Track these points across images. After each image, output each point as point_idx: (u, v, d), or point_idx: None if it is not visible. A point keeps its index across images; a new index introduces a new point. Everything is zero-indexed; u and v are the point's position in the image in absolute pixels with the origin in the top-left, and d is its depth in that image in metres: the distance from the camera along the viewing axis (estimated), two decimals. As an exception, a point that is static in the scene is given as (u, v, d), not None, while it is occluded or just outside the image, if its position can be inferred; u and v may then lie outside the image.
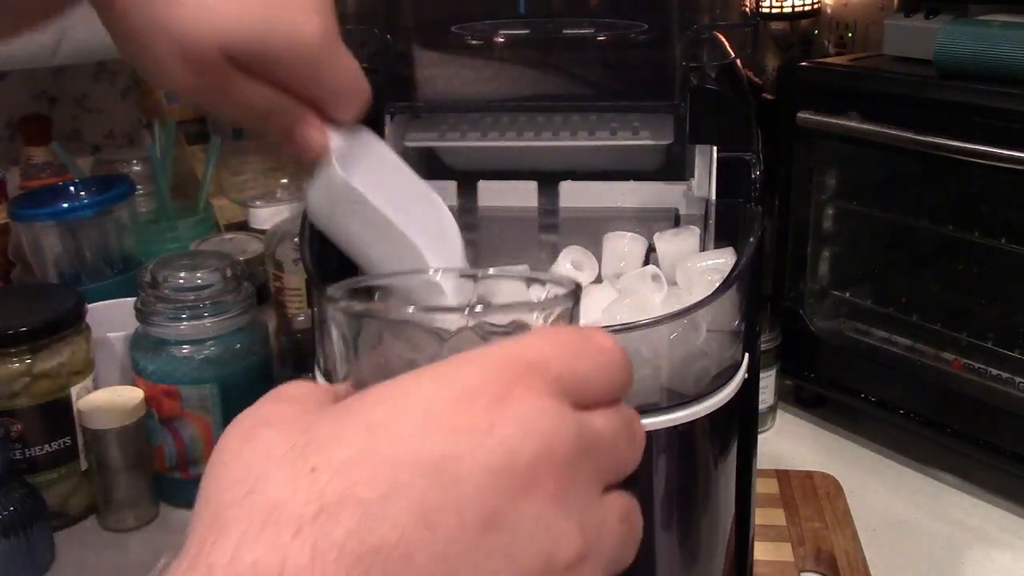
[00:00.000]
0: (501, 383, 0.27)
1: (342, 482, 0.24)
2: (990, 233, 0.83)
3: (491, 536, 0.25)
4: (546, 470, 0.26)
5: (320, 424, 0.27)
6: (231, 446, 0.27)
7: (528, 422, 0.26)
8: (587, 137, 0.66)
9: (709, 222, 0.62)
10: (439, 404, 0.26)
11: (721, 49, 0.63)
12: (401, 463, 0.25)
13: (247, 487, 0.25)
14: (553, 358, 0.28)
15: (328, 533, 0.23)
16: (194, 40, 0.44)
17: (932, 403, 0.84)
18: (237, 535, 0.24)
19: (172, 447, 0.81)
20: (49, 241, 0.95)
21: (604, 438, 0.29)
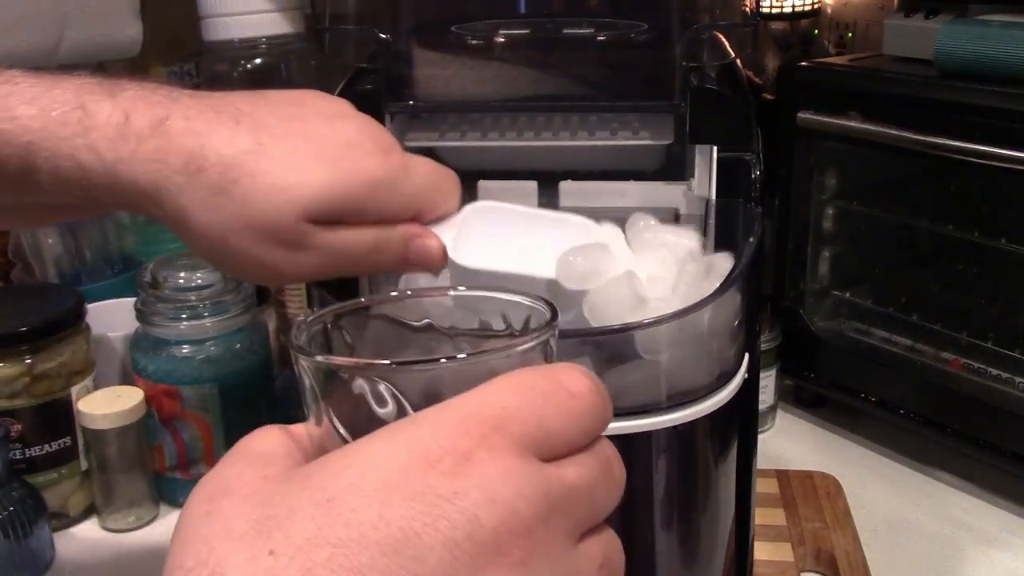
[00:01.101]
0: (463, 445, 0.26)
1: (301, 565, 0.24)
2: (990, 233, 0.83)
3: None
4: (512, 537, 0.25)
5: (280, 497, 0.26)
6: (192, 519, 0.27)
7: (491, 487, 0.25)
8: (587, 137, 0.66)
9: (709, 222, 0.62)
10: (397, 471, 0.25)
11: (721, 49, 0.63)
12: (359, 544, 0.24)
13: (208, 569, 0.25)
14: (518, 412, 0.27)
15: None
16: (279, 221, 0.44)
17: (932, 403, 0.84)
18: None
19: (172, 447, 0.81)
20: (49, 241, 0.95)
21: (577, 488, 0.28)
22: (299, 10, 0.97)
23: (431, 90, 0.69)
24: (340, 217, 0.46)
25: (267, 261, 0.45)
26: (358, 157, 0.46)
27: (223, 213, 0.44)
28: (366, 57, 0.66)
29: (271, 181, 0.44)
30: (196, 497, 0.28)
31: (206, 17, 0.95)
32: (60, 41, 0.98)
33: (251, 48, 0.96)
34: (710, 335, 0.52)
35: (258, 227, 0.44)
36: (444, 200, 0.50)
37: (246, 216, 0.44)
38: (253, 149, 0.45)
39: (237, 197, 0.44)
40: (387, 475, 0.25)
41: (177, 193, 0.44)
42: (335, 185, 0.45)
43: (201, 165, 0.44)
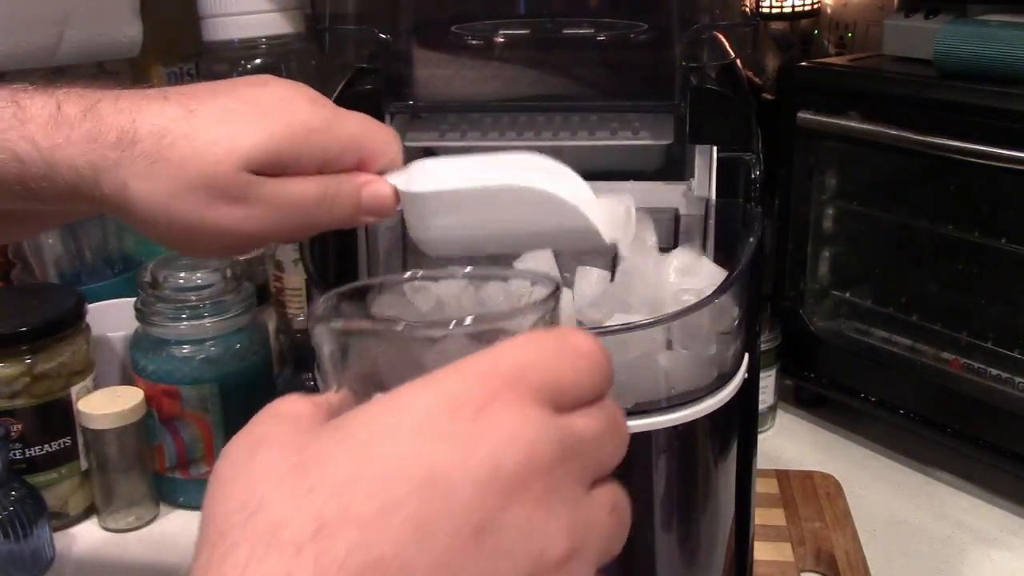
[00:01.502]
0: (484, 394, 0.28)
1: (339, 501, 0.25)
2: (990, 233, 0.83)
3: (484, 542, 0.26)
4: (531, 475, 0.27)
5: (316, 444, 0.28)
6: (231, 466, 0.28)
7: (512, 431, 0.27)
8: (587, 137, 0.66)
9: (709, 222, 0.62)
10: (426, 417, 0.27)
11: (721, 49, 0.63)
12: (394, 480, 0.26)
13: (250, 509, 0.26)
14: (533, 366, 0.29)
15: (329, 550, 0.25)
16: (219, 175, 0.45)
17: (932, 403, 0.84)
18: (245, 554, 0.25)
19: (172, 447, 0.81)
20: (49, 241, 0.95)
21: (587, 438, 0.30)
22: (299, 10, 0.97)
23: (431, 90, 0.69)
24: (280, 166, 0.46)
25: (215, 222, 0.46)
26: (289, 109, 0.47)
27: (163, 180, 0.45)
28: (366, 57, 0.66)
29: (205, 138, 0.45)
30: (232, 449, 0.29)
31: (206, 17, 0.95)
32: (60, 41, 0.98)
33: (251, 48, 0.96)
34: (709, 335, 0.52)
35: (199, 185, 0.45)
36: (384, 148, 0.50)
37: (186, 177, 0.45)
38: (183, 115, 0.46)
39: (174, 160, 0.45)
40: (416, 421, 0.27)
41: (114, 170, 0.45)
42: (270, 133, 0.46)
43: (133, 138, 0.45)
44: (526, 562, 0.27)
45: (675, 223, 0.66)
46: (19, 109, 0.45)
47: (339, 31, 0.68)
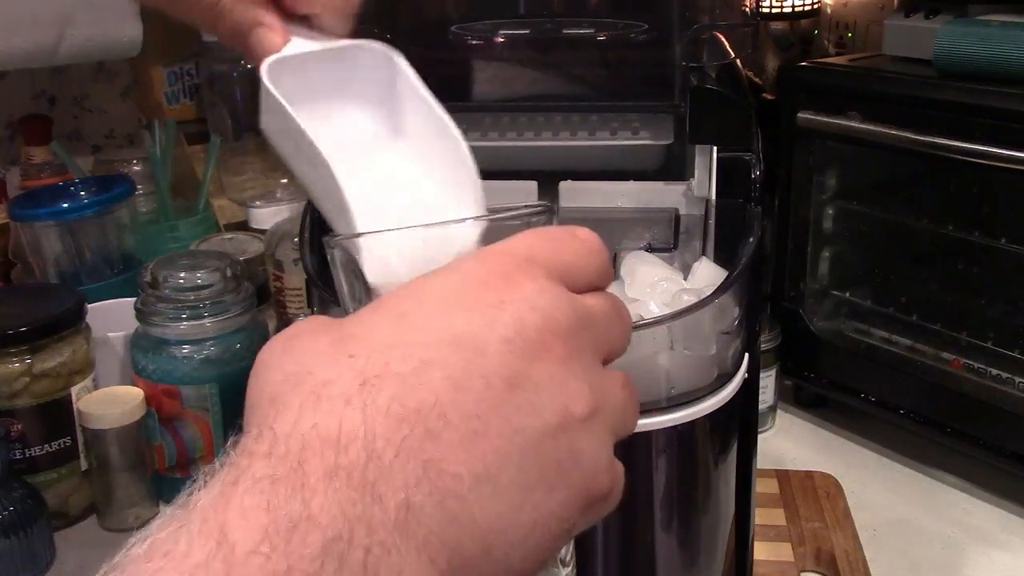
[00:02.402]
0: (503, 270, 0.30)
1: (379, 361, 0.28)
2: (990, 233, 0.83)
3: (514, 394, 0.28)
4: (552, 338, 0.30)
5: (352, 323, 0.30)
6: (273, 354, 0.30)
7: (531, 298, 0.30)
8: (587, 137, 0.66)
9: (709, 222, 0.62)
10: (453, 292, 0.30)
11: (721, 49, 0.63)
12: (428, 342, 0.28)
13: (297, 377, 0.28)
14: (543, 249, 0.32)
15: (374, 400, 0.27)
16: None
17: (932, 403, 0.84)
18: (296, 407, 0.27)
19: (172, 447, 0.81)
20: (49, 241, 0.95)
21: (597, 314, 0.32)
22: (299, 10, 0.97)
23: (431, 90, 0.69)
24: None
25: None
26: None
27: None
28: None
29: None
30: (271, 344, 0.31)
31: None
32: (60, 41, 0.98)
33: (251, 48, 0.96)
34: (710, 335, 0.52)
35: None
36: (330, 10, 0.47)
37: None
38: None
39: None
40: (444, 295, 0.30)
41: None
42: None
43: None
44: (554, 414, 0.29)
45: (675, 223, 0.66)
46: None
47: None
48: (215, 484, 0.26)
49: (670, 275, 0.58)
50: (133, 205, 1.02)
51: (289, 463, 0.26)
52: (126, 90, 1.33)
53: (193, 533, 0.25)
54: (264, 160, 1.14)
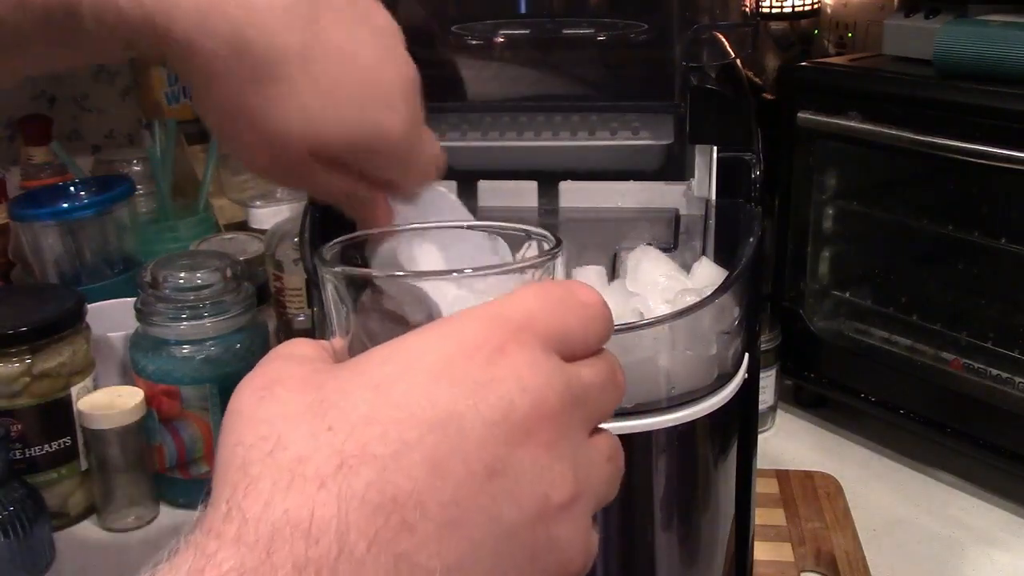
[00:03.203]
0: (496, 339, 0.29)
1: (358, 440, 0.26)
2: (990, 233, 0.83)
3: (495, 482, 0.27)
4: (540, 420, 0.28)
5: (331, 383, 0.28)
6: (247, 404, 0.29)
7: (523, 376, 0.28)
8: (587, 137, 0.66)
9: (709, 222, 0.62)
10: (440, 361, 0.28)
11: (721, 49, 0.63)
12: (408, 421, 0.27)
13: (271, 443, 0.27)
14: (541, 315, 0.30)
15: (350, 485, 0.26)
16: (284, 142, 0.44)
17: (932, 403, 0.84)
18: (268, 487, 0.26)
19: (172, 447, 0.81)
20: (49, 241, 0.95)
21: (591, 386, 0.31)
22: (299, 10, 0.97)
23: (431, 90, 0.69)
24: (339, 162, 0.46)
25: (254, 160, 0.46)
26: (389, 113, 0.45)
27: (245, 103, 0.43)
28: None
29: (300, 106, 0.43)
30: (246, 388, 0.30)
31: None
32: (60, 41, 0.98)
33: (251, 48, 0.96)
34: (710, 335, 0.52)
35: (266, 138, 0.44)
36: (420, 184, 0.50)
37: (261, 122, 0.44)
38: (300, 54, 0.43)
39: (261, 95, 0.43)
40: (431, 364, 0.28)
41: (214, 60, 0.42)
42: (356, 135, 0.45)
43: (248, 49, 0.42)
44: (533, 503, 0.28)
45: (675, 223, 0.66)
46: None
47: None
48: (182, 567, 0.25)
49: (673, 272, 0.58)
50: (133, 205, 1.03)
51: (258, 553, 0.25)
52: (126, 90, 1.33)
53: None
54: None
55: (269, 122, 0.44)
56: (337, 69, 0.44)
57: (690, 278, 0.57)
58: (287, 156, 0.45)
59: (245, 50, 0.42)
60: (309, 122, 0.44)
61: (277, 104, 0.43)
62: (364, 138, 0.45)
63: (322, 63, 0.44)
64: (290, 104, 0.43)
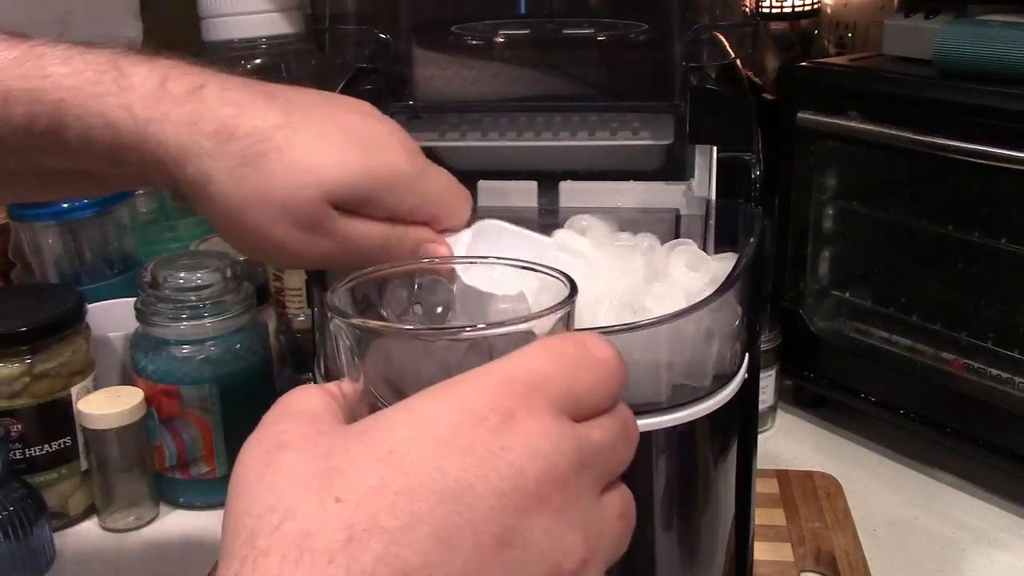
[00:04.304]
0: (505, 405, 0.28)
1: (366, 512, 0.26)
2: (990, 233, 0.83)
3: (505, 553, 0.27)
4: (551, 487, 0.28)
5: (339, 451, 0.28)
6: (254, 470, 0.29)
7: (533, 443, 0.28)
8: (587, 137, 0.66)
9: (709, 222, 0.62)
10: (449, 428, 0.28)
11: (721, 49, 0.63)
12: (418, 493, 0.26)
13: (279, 516, 0.27)
14: (551, 376, 0.30)
15: (358, 560, 0.25)
16: (300, 200, 0.45)
17: (932, 403, 0.84)
18: (276, 562, 0.25)
19: (172, 447, 0.81)
20: (49, 241, 0.95)
21: (603, 446, 0.30)
22: (299, 10, 0.97)
23: (431, 90, 0.69)
24: (359, 205, 0.47)
25: (280, 240, 0.46)
26: (385, 150, 0.47)
27: (246, 184, 0.44)
28: (366, 57, 0.66)
29: (299, 159, 0.45)
30: (252, 451, 0.29)
31: (206, 17, 0.95)
32: (60, 41, 0.98)
33: (251, 48, 0.96)
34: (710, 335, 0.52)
35: (278, 203, 0.45)
36: (456, 212, 0.51)
37: (268, 190, 0.45)
38: (284, 125, 0.45)
39: (262, 169, 0.44)
40: (440, 431, 0.28)
41: (204, 157, 0.44)
42: (361, 172, 0.46)
43: (232, 133, 0.44)
44: (544, 572, 0.28)
45: (675, 223, 0.66)
46: (120, 76, 0.45)
47: (339, 31, 0.68)
48: None
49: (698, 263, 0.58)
50: (133, 205, 1.02)
51: None
52: (126, 90, 1.33)
53: None
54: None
55: (276, 186, 0.45)
56: (324, 128, 0.46)
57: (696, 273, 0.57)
58: (308, 215, 0.45)
59: (231, 136, 0.44)
60: (313, 169, 0.45)
61: (278, 167, 0.45)
62: (371, 170, 0.46)
63: (307, 126, 0.46)
64: (290, 161, 0.45)
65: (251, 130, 0.45)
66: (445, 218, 0.51)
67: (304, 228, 0.46)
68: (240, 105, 0.45)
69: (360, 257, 0.48)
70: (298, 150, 0.45)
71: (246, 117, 0.45)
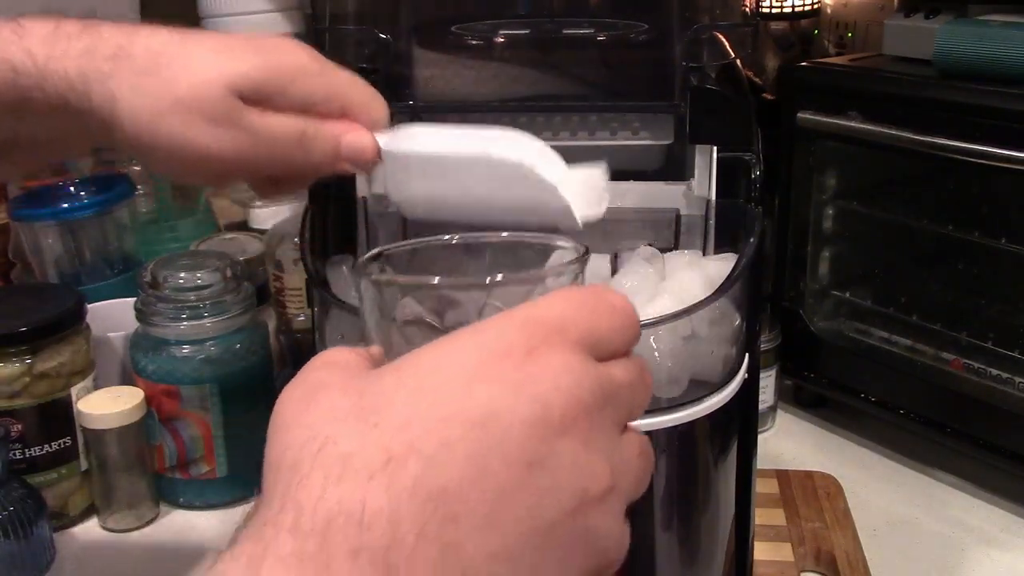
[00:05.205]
0: (529, 342, 0.30)
1: (403, 438, 0.28)
2: (990, 233, 0.83)
3: (535, 476, 0.28)
4: (576, 417, 0.29)
5: (374, 386, 0.30)
6: (291, 412, 0.30)
7: (557, 376, 0.29)
8: (587, 137, 0.66)
9: (709, 222, 0.62)
10: (477, 363, 0.29)
11: (721, 49, 0.63)
12: (452, 419, 0.28)
13: (319, 443, 0.28)
14: (572, 318, 0.31)
15: (398, 479, 0.27)
16: (206, 94, 0.46)
17: (932, 403, 0.84)
18: (320, 480, 0.27)
19: (172, 447, 0.81)
20: (49, 241, 0.95)
21: (622, 385, 0.32)
22: (299, 10, 0.97)
23: (431, 90, 0.69)
24: (266, 98, 0.48)
25: (196, 142, 0.47)
26: (284, 50, 0.50)
27: (151, 96, 0.47)
28: (366, 57, 0.66)
29: (197, 60, 0.47)
30: (290, 395, 0.31)
31: (206, 17, 0.95)
32: (60, 41, 0.98)
33: (251, 48, 0.96)
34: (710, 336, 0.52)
35: (186, 103, 0.47)
36: (368, 104, 0.51)
37: (174, 94, 0.47)
38: (179, 41, 0.48)
39: (165, 76, 0.47)
40: (468, 366, 0.29)
41: (106, 81, 0.47)
42: (262, 64, 0.48)
43: (130, 52, 0.47)
44: (572, 496, 0.29)
45: (675, 223, 0.66)
46: (18, 26, 0.48)
47: (339, 31, 0.68)
48: (242, 554, 0.26)
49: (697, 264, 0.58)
50: (133, 205, 1.02)
51: (314, 539, 0.26)
52: (126, 90, 1.33)
53: None
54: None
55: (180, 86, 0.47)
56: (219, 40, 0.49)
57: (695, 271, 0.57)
58: (217, 108, 0.47)
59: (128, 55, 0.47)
60: (213, 65, 0.47)
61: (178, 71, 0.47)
62: (271, 62, 0.48)
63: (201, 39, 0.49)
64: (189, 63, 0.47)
65: (147, 47, 0.47)
66: (357, 111, 0.51)
67: (216, 123, 0.47)
68: (134, 31, 0.48)
69: (279, 153, 0.49)
70: (195, 54, 0.47)
71: (140, 38, 0.48)
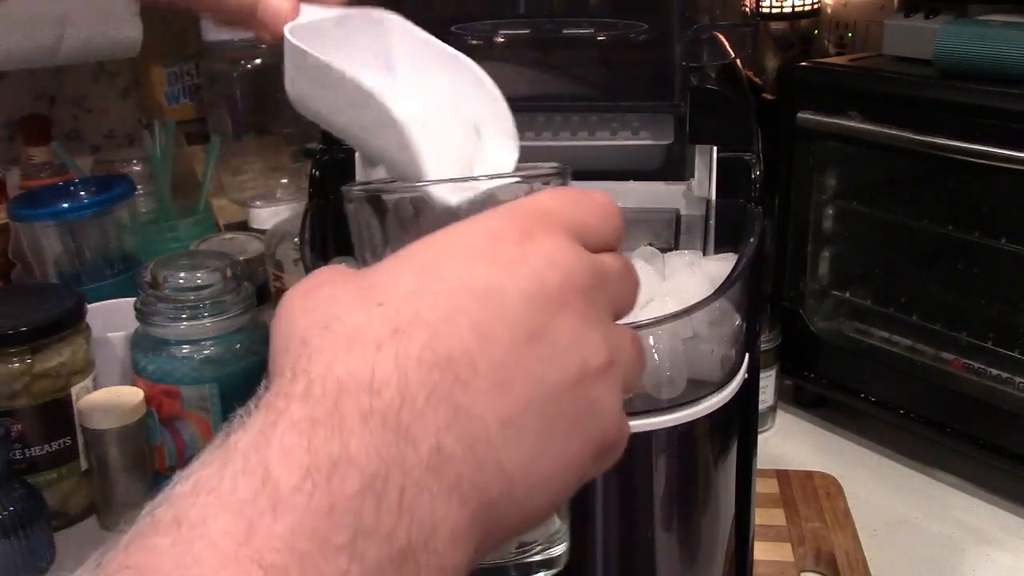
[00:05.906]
0: (522, 226, 0.31)
1: (408, 310, 0.28)
2: (990, 233, 0.83)
3: (537, 347, 0.29)
4: (572, 293, 0.31)
5: (374, 272, 0.31)
6: (296, 301, 0.31)
7: (551, 255, 0.31)
8: (587, 137, 0.66)
9: (709, 222, 0.62)
10: (473, 245, 0.31)
11: (721, 49, 0.63)
12: (455, 292, 0.29)
13: (324, 323, 0.29)
14: (561, 209, 0.33)
15: (406, 347, 0.28)
16: None
17: (932, 403, 0.84)
18: (329, 353, 0.28)
19: (172, 447, 0.81)
20: (49, 241, 0.95)
21: (611, 272, 0.33)
22: (299, 10, 0.97)
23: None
24: None
25: None
26: None
27: None
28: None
29: None
30: (293, 293, 0.32)
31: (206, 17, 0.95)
32: (60, 41, 0.98)
33: (251, 48, 0.96)
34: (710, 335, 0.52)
35: None
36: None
37: None
38: None
39: None
40: (466, 248, 0.30)
41: None
42: None
43: None
44: (573, 366, 0.30)
45: (675, 223, 0.66)
46: None
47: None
48: (253, 424, 0.27)
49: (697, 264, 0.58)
50: (133, 205, 1.02)
51: (326, 405, 0.26)
52: (126, 90, 1.33)
53: (237, 471, 0.25)
54: (264, 160, 1.14)
55: None
56: None
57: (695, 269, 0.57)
58: None
59: None
60: None
61: None
62: None
63: None
64: None
65: None
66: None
67: None
68: None
69: None
70: None
71: None
